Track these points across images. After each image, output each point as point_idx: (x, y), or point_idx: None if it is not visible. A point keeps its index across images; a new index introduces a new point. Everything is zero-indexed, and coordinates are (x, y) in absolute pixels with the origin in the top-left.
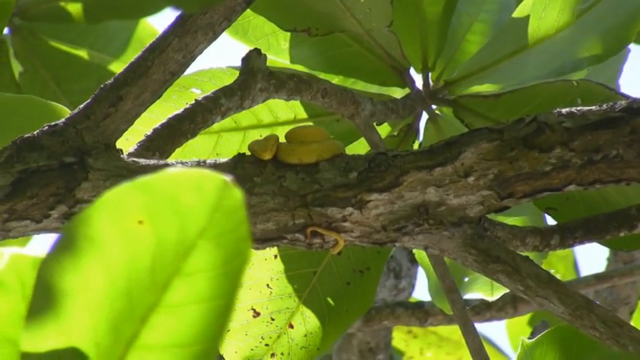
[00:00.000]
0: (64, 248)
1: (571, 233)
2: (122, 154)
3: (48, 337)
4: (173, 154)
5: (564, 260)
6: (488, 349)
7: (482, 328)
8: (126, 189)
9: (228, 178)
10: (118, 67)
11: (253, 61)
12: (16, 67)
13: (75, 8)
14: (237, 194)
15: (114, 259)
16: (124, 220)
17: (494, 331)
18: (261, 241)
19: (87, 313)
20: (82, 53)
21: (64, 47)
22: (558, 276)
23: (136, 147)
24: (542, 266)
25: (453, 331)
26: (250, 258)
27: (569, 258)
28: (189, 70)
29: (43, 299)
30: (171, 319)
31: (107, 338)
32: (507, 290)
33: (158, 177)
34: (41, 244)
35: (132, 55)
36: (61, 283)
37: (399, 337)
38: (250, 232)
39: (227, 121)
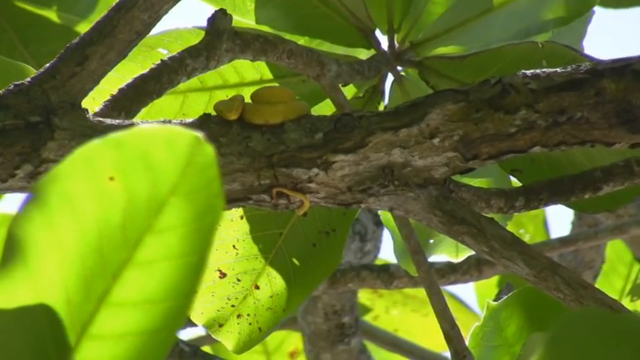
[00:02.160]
0: (35, 205)
1: (536, 195)
2: (88, 113)
3: (18, 294)
4: (139, 115)
5: (534, 220)
6: (457, 307)
7: (452, 286)
8: (97, 145)
9: (199, 134)
10: (85, 28)
11: (219, 21)
12: None
13: None
14: (209, 150)
15: (85, 216)
16: (95, 177)
17: (464, 290)
18: (228, 201)
19: (58, 270)
20: (50, 14)
21: (31, 8)
22: (528, 236)
23: (101, 107)
24: (512, 226)
25: (419, 290)
26: (222, 214)
27: (540, 218)
28: (155, 30)
29: (13, 255)
30: (142, 275)
31: (78, 295)
32: (472, 252)
33: (129, 133)
34: (11, 203)
35: (99, 16)
36: (32, 239)
37: (365, 296)
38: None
39: (193, 82)
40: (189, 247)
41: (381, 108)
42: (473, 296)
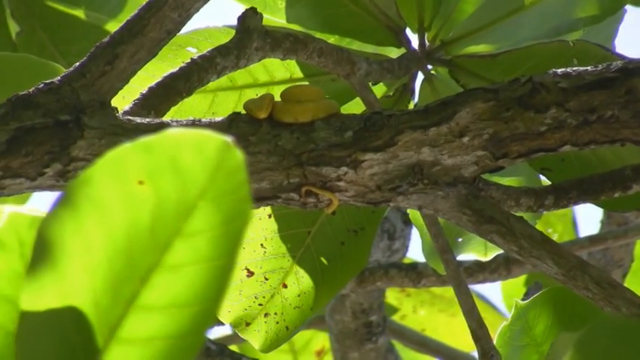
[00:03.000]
0: (65, 208)
1: (565, 194)
2: (117, 112)
3: (47, 296)
4: (168, 113)
5: (563, 219)
6: (483, 307)
7: (478, 286)
8: (126, 149)
9: (229, 138)
10: (114, 27)
11: (249, 20)
12: (13, 28)
13: None
14: (238, 155)
15: (114, 220)
16: (125, 181)
17: (490, 290)
18: (256, 200)
19: (86, 273)
20: (79, 13)
21: (61, 7)
22: (556, 235)
23: (131, 105)
24: (541, 225)
25: (446, 289)
26: (250, 219)
27: (568, 217)
28: (185, 29)
29: (42, 258)
30: (170, 279)
31: (106, 298)
32: (501, 251)
33: (159, 137)
34: (39, 202)
35: (128, 14)
36: (61, 242)
37: (392, 296)
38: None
39: (223, 80)
40: (218, 251)
41: (411, 107)
42: (499, 296)
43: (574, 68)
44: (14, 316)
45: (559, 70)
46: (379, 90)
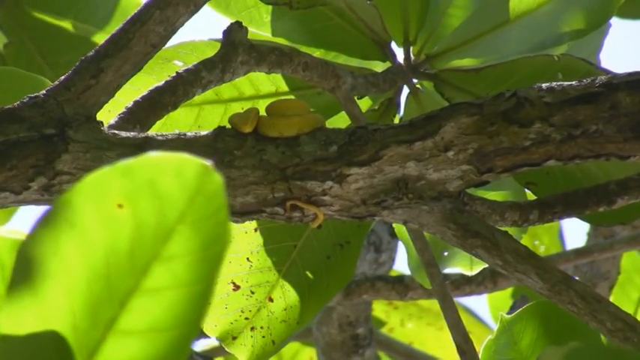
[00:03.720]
0: (44, 230)
1: (550, 208)
2: (102, 126)
3: (26, 320)
4: (154, 127)
5: (549, 231)
6: (470, 320)
7: (465, 299)
8: (107, 173)
9: (208, 162)
10: (102, 39)
11: (235, 33)
12: (1, 39)
13: None
14: (217, 179)
15: (93, 243)
16: (104, 204)
17: (477, 302)
18: (241, 214)
19: (66, 297)
20: (67, 25)
21: (49, 18)
22: (543, 248)
23: (116, 119)
24: (528, 237)
25: (434, 302)
26: (229, 243)
27: (555, 229)
28: (170, 43)
29: (21, 281)
30: (150, 303)
31: (85, 322)
32: (486, 265)
33: (138, 161)
34: (25, 218)
35: (116, 26)
36: (40, 265)
37: (380, 309)
38: (230, 206)
39: (209, 94)
40: (196, 275)
41: (397, 120)
42: (485, 309)
43: (559, 83)
44: None
45: (544, 85)
46: (364, 104)
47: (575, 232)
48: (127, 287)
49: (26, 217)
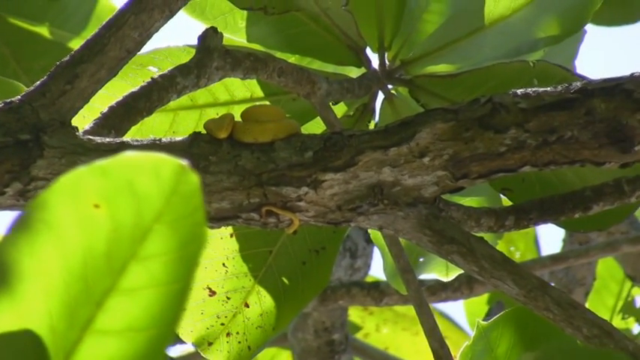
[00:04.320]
0: (21, 232)
1: (526, 214)
2: (78, 131)
3: (3, 321)
4: (129, 132)
5: (525, 237)
6: (446, 325)
7: (441, 304)
8: (82, 173)
9: (184, 162)
10: (78, 44)
11: (210, 39)
12: None
13: None
14: (194, 179)
15: (70, 243)
16: (80, 204)
17: (453, 307)
18: (217, 219)
19: (42, 297)
20: (43, 30)
21: (24, 24)
22: (518, 253)
23: (91, 125)
24: (503, 243)
25: (410, 308)
26: (206, 243)
27: (530, 235)
28: (146, 48)
29: None
30: (127, 303)
31: (62, 322)
32: (462, 271)
33: (115, 161)
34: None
35: (92, 31)
36: (17, 266)
37: (356, 314)
38: (205, 212)
39: (184, 99)
40: (173, 274)
41: (372, 126)
42: (462, 314)
43: (534, 89)
44: None
45: (519, 91)
46: (340, 109)
47: (550, 238)
48: (104, 287)
49: (2, 220)
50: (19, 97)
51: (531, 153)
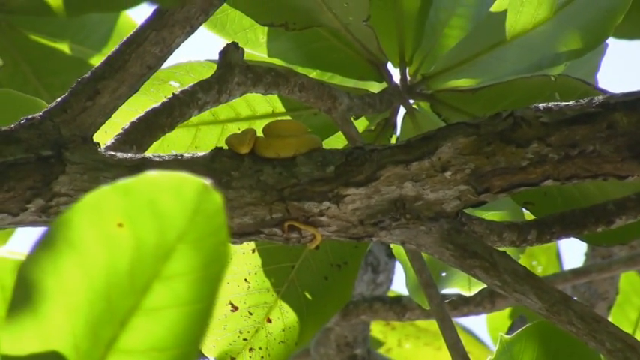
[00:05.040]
0: (44, 251)
1: (548, 228)
2: (99, 147)
3: (27, 340)
4: (151, 148)
5: (547, 251)
6: (468, 339)
7: (463, 319)
8: (106, 192)
9: (207, 181)
10: (98, 61)
11: (231, 54)
12: None
13: (55, 1)
14: (217, 198)
15: (93, 262)
16: (104, 224)
17: (475, 322)
18: (239, 235)
19: (66, 316)
20: (63, 46)
21: (45, 41)
22: (540, 267)
23: (113, 140)
24: (525, 257)
25: (431, 322)
26: (229, 261)
27: (552, 249)
28: (167, 64)
29: (22, 301)
30: (150, 322)
31: (86, 341)
32: (485, 285)
33: (138, 180)
34: (24, 238)
35: (112, 48)
36: (41, 285)
37: (378, 329)
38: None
39: (205, 115)
40: (197, 294)
41: (393, 141)
42: (484, 328)
43: (556, 103)
44: None
45: (541, 105)
46: (361, 124)
47: (572, 252)
48: (128, 306)
49: (25, 237)
50: (41, 113)
51: (553, 167)
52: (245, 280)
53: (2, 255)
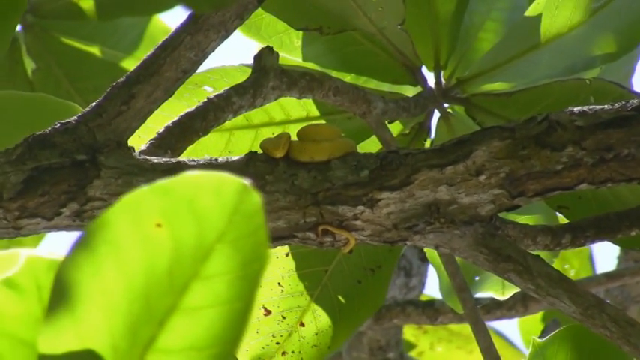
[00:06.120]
0: (82, 251)
1: (582, 232)
2: (134, 152)
3: (65, 339)
4: (185, 152)
5: (579, 255)
6: (500, 343)
7: (495, 322)
8: (144, 192)
9: (247, 181)
10: (130, 64)
11: (265, 58)
12: (29, 65)
13: (87, 4)
14: (256, 198)
15: (132, 263)
16: (143, 224)
17: (507, 326)
18: (273, 239)
19: (104, 316)
20: (95, 50)
21: (77, 44)
22: (573, 271)
23: (147, 145)
24: (558, 261)
25: (464, 326)
26: (268, 261)
27: (585, 253)
28: (201, 68)
29: (60, 301)
30: (189, 322)
31: (124, 341)
32: (518, 289)
33: (176, 180)
34: (54, 242)
35: (144, 51)
36: (79, 285)
37: (410, 333)
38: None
39: (239, 119)
40: (236, 293)
41: (427, 145)
42: (516, 332)
43: (590, 106)
44: (33, 359)
45: (575, 109)
46: (395, 128)
47: (604, 255)
48: (166, 306)
49: (55, 239)
50: (76, 117)
51: (588, 171)
52: (278, 283)
53: (38, 255)
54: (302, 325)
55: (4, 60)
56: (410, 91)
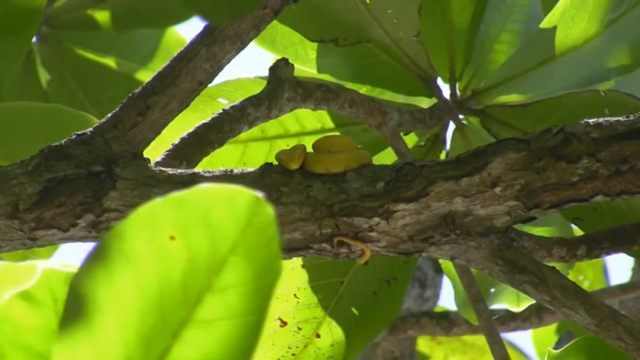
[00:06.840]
0: (97, 262)
1: (598, 244)
2: (149, 163)
3: (79, 351)
4: (200, 164)
5: (594, 267)
6: (515, 355)
7: (509, 334)
8: (158, 204)
9: (259, 194)
10: (145, 76)
11: (281, 70)
12: (44, 75)
13: (102, 16)
14: (269, 210)
15: (146, 274)
16: (157, 236)
17: (521, 337)
18: (288, 250)
19: (118, 328)
20: (110, 61)
21: (92, 55)
22: (587, 282)
23: (163, 156)
24: (572, 273)
25: (478, 337)
26: (281, 274)
27: (599, 264)
28: (217, 80)
29: (75, 313)
30: (202, 334)
31: (139, 353)
32: (534, 301)
33: (190, 193)
34: (67, 253)
35: (159, 63)
36: (93, 297)
37: (424, 344)
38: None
39: (254, 131)
40: (249, 306)
41: (443, 156)
42: (529, 343)
43: (606, 118)
44: None
45: (591, 120)
46: (411, 140)
47: (619, 267)
48: (180, 318)
49: (69, 249)
50: (91, 128)
51: (603, 183)
52: (294, 295)
53: (54, 268)
54: (318, 336)
55: (18, 71)
56: (425, 102)
